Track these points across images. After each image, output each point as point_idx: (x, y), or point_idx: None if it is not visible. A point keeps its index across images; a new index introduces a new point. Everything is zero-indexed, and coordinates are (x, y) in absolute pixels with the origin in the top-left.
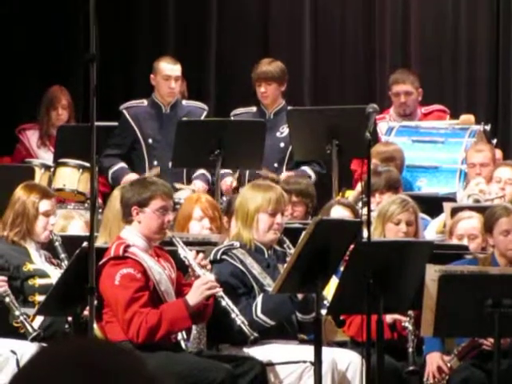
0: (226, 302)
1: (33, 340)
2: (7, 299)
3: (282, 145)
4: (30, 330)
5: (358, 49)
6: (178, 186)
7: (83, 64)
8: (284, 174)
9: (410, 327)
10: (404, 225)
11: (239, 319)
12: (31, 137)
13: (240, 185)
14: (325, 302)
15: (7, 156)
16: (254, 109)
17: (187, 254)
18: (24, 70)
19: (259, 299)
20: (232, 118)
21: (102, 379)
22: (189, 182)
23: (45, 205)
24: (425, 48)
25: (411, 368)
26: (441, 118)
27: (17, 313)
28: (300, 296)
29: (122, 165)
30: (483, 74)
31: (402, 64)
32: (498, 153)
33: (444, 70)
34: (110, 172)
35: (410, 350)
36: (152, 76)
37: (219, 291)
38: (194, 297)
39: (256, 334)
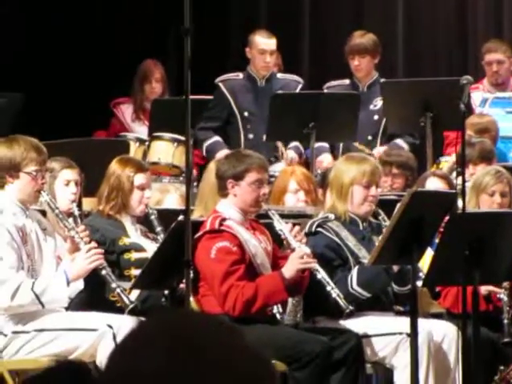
0: (322, 274)
1: (130, 313)
2: (103, 272)
3: (376, 117)
4: (127, 302)
5: (449, 21)
6: (278, 145)
7: (178, 37)
8: (377, 149)
9: (506, 298)
10: (498, 196)
11: (335, 292)
12: (126, 111)
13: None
14: (420, 274)
15: (102, 130)
16: (347, 81)
17: (283, 227)
18: (118, 44)
19: (354, 271)
20: (325, 91)
21: (200, 353)
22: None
23: (140, 178)
24: None
25: (507, 340)
26: None
27: (113, 285)
28: (395, 268)
29: (217, 138)
30: None
31: (494, 35)
32: None
33: None
34: (205, 145)
35: (506, 321)
36: (247, 49)
37: (315, 264)
38: (289, 270)
39: (351, 307)
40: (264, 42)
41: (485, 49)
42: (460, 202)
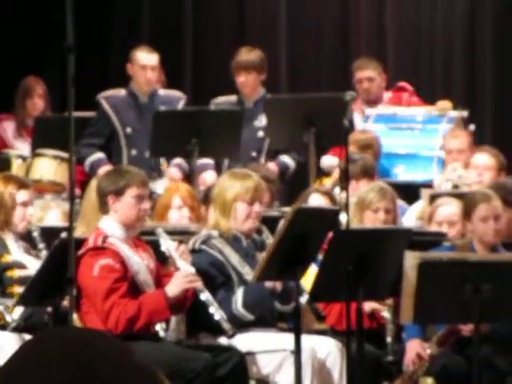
0: (206, 295)
1: (13, 330)
2: None
3: (261, 134)
4: (10, 320)
5: (332, 35)
6: (161, 163)
7: (61, 53)
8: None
9: (389, 316)
10: (383, 213)
11: (218, 314)
12: (7, 127)
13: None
14: (304, 290)
15: None
16: (233, 98)
17: (169, 245)
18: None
19: (239, 293)
20: (211, 107)
21: (91, 372)
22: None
23: (22, 195)
24: (401, 36)
25: (390, 358)
26: (400, 97)
27: None
28: (279, 286)
29: (100, 155)
30: (460, 60)
31: (377, 50)
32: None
33: (421, 55)
34: (87, 162)
35: (389, 339)
36: (129, 65)
37: (199, 284)
38: (173, 288)
39: (234, 330)
40: (145, 58)
41: (355, 66)
42: (343, 218)
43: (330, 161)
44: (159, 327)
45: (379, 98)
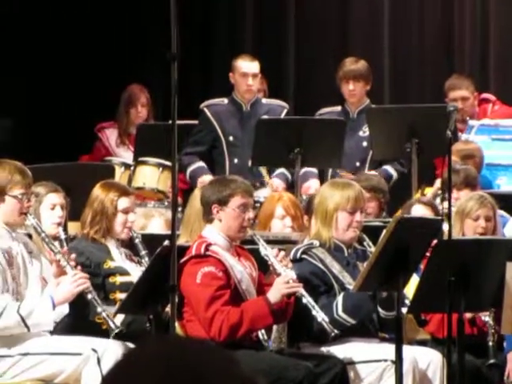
0: (307, 299)
1: (115, 337)
2: (89, 296)
3: (365, 144)
4: (113, 326)
5: (436, 48)
6: (262, 171)
7: (165, 62)
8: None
9: (491, 321)
10: (483, 220)
11: (320, 316)
12: (110, 135)
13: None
14: (405, 301)
15: (86, 155)
16: (338, 108)
17: (268, 252)
18: (104, 68)
19: (340, 298)
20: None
21: (197, 380)
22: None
23: (123, 202)
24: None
25: (492, 361)
26: (485, 109)
27: (99, 309)
28: (384, 293)
29: (201, 164)
30: None
31: (480, 64)
32: None
33: None
34: (189, 171)
35: (491, 343)
36: (231, 74)
37: (300, 289)
38: (275, 294)
39: (337, 331)
40: (246, 66)
41: (448, 86)
42: (446, 228)
43: None
44: (261, 336)
45: (473, 116)
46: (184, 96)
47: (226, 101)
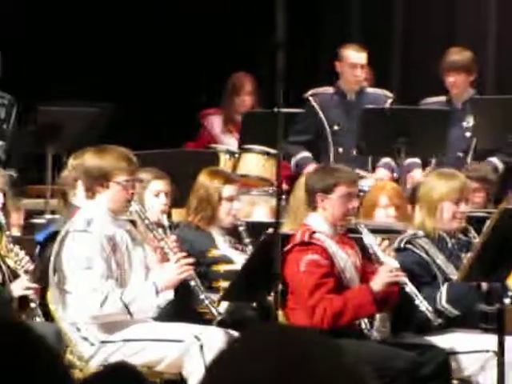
0: (410, 288)
1: (218, 324)
2: (193, 283)
3: (468, 134)
4: (216, 313)
5: None
6: (361, 173)
7: (271, 50)
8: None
9: None
10: None
11: (423, 305)
12: (215, 122)
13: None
14: (508, 292)
15: (191, 141)
16: (443, 98)
17: (371, 241)
18: (210, 55)
19: (444, 288)
20: (422, 107)
21: (308, 369)
22: (373, 169)
23: (228, 190)
24: None
25: None
26: None
27: (202, 296)
28: (485, 286)
29: (306, 154)
30: None
31: None
32: None
33: None
34: (293, 160)
35: None
36: (337, 63)
37: (403, 278)
38: (378, 283)
39: (440, 320)
40: (355, 56)
41: None
42: None
43: None
44: (364, 325)
45: None
46: (290, 84)
47: (331, 90)
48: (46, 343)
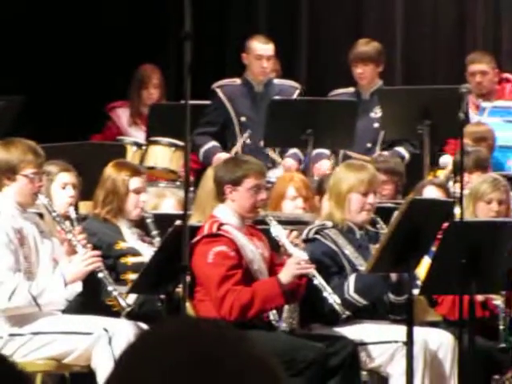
0: (319, 280)
1: (127, 316)
2: (101, 274)
3: (376, 125)
4: (124, 305)
5: (449, 30)
6: (270, 154)
7: (177, 41)
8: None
9: (502, 305)
10: (496, 204)
11: (331, 297)
12: (122, 115)
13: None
14: (417, 282)
15: (98, 134)
16: (351, 89)
17: (280, 233)
18: (115, 47)
19: (352, 278)
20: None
21: (219, 365)
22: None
23: (135, 182)
24: None
25: (502, 345)
26: (504, 89)
27: (110, 288)
28: (394, 277)
29: (214, 143)
30: None
31: (492, 47)
32: None
33: None
34: (202, 150)
35: (502, 327)
36: (244, 55)
37: (312, 270)
38: (286, 275)
39: (348, 313)
40: (261, 48)
41: (468, 60)
42: (457, 210)
43: (447, 160)
44: (272, 316)
45: (491, 92)
46: (197, 76)
47: (238, 81)
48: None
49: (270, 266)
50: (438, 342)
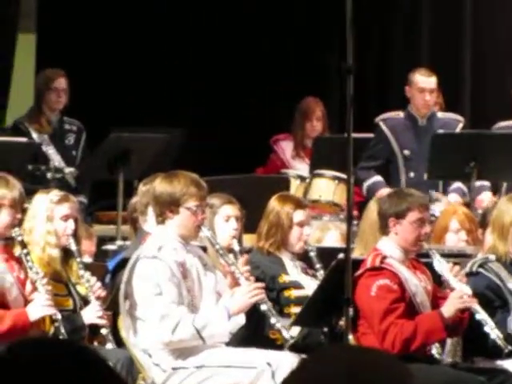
0: (481, 314)
1: (290, 348)
2: (264, 307)
3: None
4: (288, 337)
5: None
6: (434, 194)
7: (341, 75)
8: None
9: None
10: None
11: (494, 332)
12: (286, 147)
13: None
14: None
15: (261, 167)
16: None
17: (443, 267)
18: (279, 80)
19: None
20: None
21: None
22: (444, 193)
23: (299, 215)
24: None
25: None
26: None
27: (273, 320)
28: None
29: (378, 178)
30: None
31: None
32: None
33: None
34: (365, 185)
35: None
36: (407, 88)
37: (475, 304)
38: (449, 309)
39: (511, 348)
40: (423, 81)
41: None
42: None
43: None
44: (434, 350)
45: None
46: (359, 109)
47: (401, 114)
48: (109, 368)
49: (432, 300)
50: None
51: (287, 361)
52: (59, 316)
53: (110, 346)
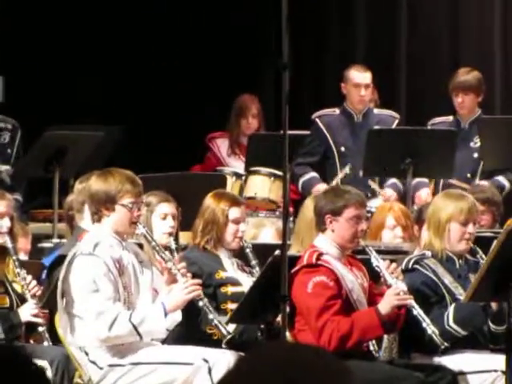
0: (418, 311)
1: (226, 344)
2: (201, 303)
3: (476, 155)
4: (225, 332)
5: None
6: (371, 183)
7: (276, 72)
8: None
9: None
10: None
11: (430, 328)
12: (221, 145)
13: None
14: None
15: (197, 165)
16: (450, 118)
17: (380, 264)
18: (213, 78)
19: (451, 308)
20: (428, 127)
21: None
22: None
23: (234, 212)
24: None
25: None
26: None
27: (211, 316)
28: (494, 306)
29: (313, 174)
30: None
31: None
32: None
33: None
34: (301, 181)
35: None
36: (343, 84)
37: (411, 301)
38: (385, 306)
39: (447, 344)
40: (358, 76)
41: None
42: None
43: None
44: (372, 347)
45: None
46: (296, 106)
47: (337, 111)
48: (33, 364)
49: (369, 296)
50: None
51: (224, 357)
52: None
53: (46, 343)
